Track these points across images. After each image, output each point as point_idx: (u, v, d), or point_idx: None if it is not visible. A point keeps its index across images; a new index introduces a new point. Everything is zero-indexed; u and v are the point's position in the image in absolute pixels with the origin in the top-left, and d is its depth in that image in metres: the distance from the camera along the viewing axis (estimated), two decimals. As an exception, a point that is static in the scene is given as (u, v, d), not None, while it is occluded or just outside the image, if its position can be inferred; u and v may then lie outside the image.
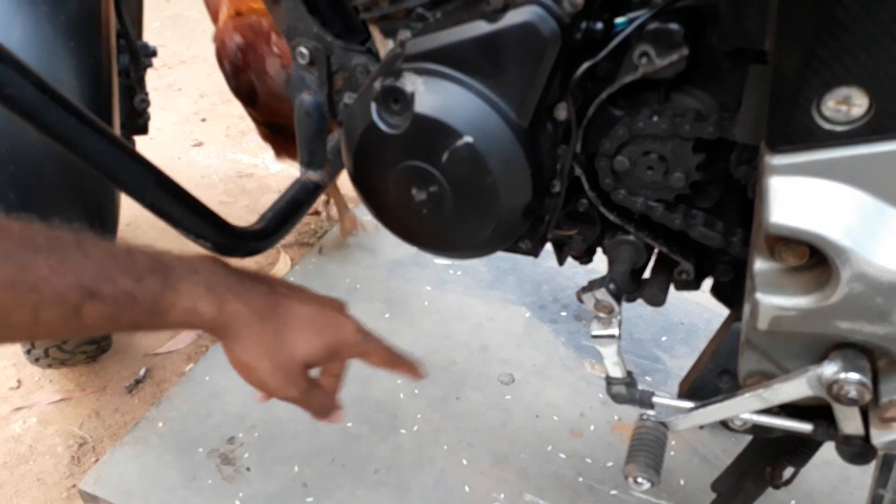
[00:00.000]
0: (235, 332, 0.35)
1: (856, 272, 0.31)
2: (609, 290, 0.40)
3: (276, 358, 0.36)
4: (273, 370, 0.36)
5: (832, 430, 0.39)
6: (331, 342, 0.38)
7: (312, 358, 0.37)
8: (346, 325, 0.39)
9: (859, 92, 0.28)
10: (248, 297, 0.35)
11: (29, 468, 0.82)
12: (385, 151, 0.40)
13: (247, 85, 0.80)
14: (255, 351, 0.35)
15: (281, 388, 0.37)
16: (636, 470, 0.42)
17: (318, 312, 0.38)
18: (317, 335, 0.37)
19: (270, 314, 0.35)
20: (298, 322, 0.36)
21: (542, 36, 0.35)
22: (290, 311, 0.36)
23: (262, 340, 0.35)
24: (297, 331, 0.36)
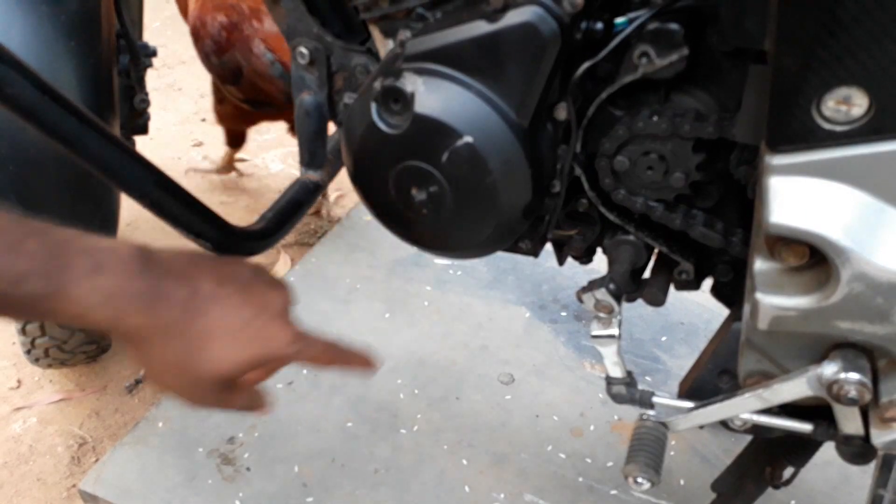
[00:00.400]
0: (134, 343, 0.31)
1: (856, 272, 0.31)
2: (609, 290, 0.40)
3: (181, 374, 0.32)
4: (178, 384, 0.33)
5: (832, 430, 0.39)
6: (255, 356, 0.33)
7: (229, 374, 0.33)
8: (278, 337, 0.33)
9: (859, 92, 0.28)
10: (157, 309, 0.30)
11: (29, 468, 0.82)
12: (385, 151, 0.40)
13: (231, 64, 0.81)
14: (156, 365, 0.32)
15: (192, 400, 0.34)
16: (636, 470, 0.42)
17: (246, 323, 0.32)
18: (239, 350, 0.32)
19: (180, 329, 0.30)
20: (217, 334, 0.31)
21: (542, 36, 0.35)
22: (210, 323, 0.31)
23: (164, 357, 0.31)
24: (214, 345, 0.31)
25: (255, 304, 0.33)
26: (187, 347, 0.31)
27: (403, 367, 0.83)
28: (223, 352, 0.32)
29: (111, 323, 0.29)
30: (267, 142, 1.50)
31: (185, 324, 0.31)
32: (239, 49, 0.85)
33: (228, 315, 0.32)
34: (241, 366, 0.33)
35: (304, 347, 0.35)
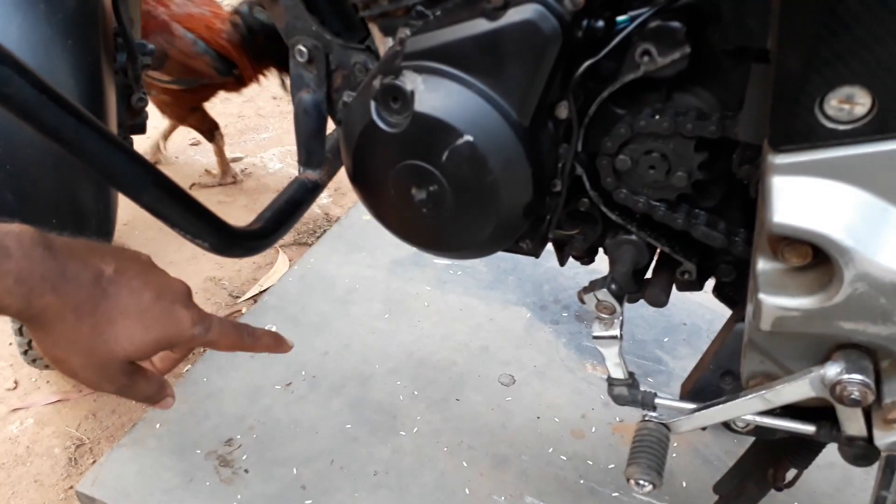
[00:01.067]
0: (45, 325, 0.31)
1: (859, 272, 0.30)
2: (611, 290, 0.40)
3: (90, 354, 0.33)
4: (84, 365, 0.33)
5: (835, 432, 0.39)
6: (160, 337, 0.34)
7: (135, 354, 0.34)
8: (180, 319, 0.35)
9: (862, 91, 0.28)
10: (67, 289, 0.31)
11: (26, 469, 0.81)
12: (384, 150, 0.40)
13: (155, 50, 0.85)
14: (65, 346, 0.32)
15: (93, 383, 0.34)
16: (638, 472, 0.41)
17: (149, 305, 0.34)
18: (144, 330, 0.33)
19: (89, 308, 0.32)
20: (123, 316, 0.33)
21: (543, 34, 0.35)
22: (115, 304, 0.33)
23: (74, 336, 0.32)
24: (119, 326, 0.33)
25: (156, 288, 0.34)
26: (96, 327, 0.32)
27: (403, 368, 0.83)
28: (129, 332, 0.33)
29: (22, 306, 0.30)
30: (265, 141, 1.50)
31: (94, 304, 0.32)
32: (159, 34, 0.94)
33: (133, 297, 0.33)
34: (146, 346, 0.34)
35: (208, 329, 0.36)
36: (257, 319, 0.89)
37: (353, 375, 0.82)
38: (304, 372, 0.83)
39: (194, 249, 1.05)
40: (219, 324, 0.37)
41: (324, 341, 0.86)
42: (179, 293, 0.36)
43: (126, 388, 0.35)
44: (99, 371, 0.34)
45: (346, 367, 0.83)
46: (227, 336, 0.37)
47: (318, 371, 0.83)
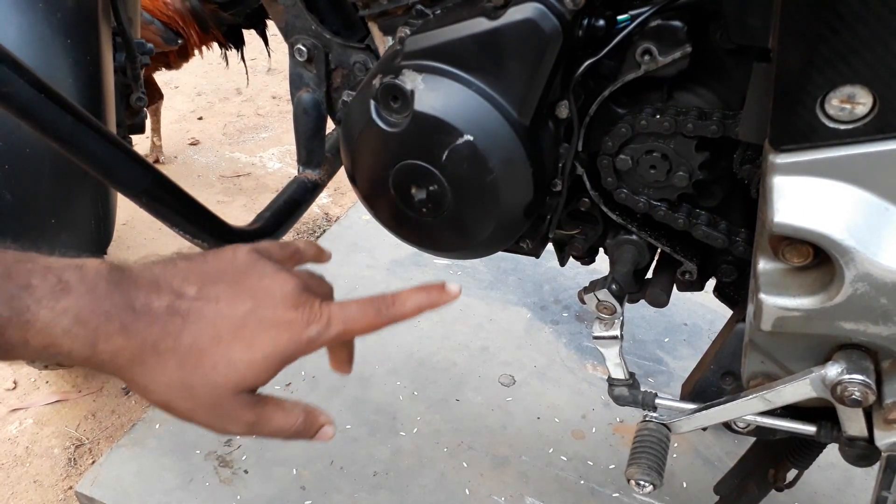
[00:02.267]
0: (125, 372, 0.26)
1: (860, 272, 0.30)
2: (611, 290, 0.40)
3: (192, 395, 0.26)
4: (193, 408, 0.27)
5: (836, 432, 0.39)
6: (270, 352, 0.27)
7: (247, 381, 0.27)
8: (290, 324, 0.28)
9: (863, 90, 0.28)
10: (137, 326, 0.25)
11: (25, 470, 0.81)
12: (384, 150, 0.40)
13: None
14: (162, 391, 0.26)
15: (216, 426, 0.28)
16: (638, 472, 0.41)
17: (245, 318, 0.27)
18: (247, 350, 0.27)
19: (170, 343, 0.26)
20: (214, 341, 0.26)
21: (544, 33, 0.35)
22: (201, 330, 0.26)
23: (165, 379, 0.26)
24: (214, 354, 0.26)
25: (251, 295, 0.28)
26: (184, 364, 0.26)
27: (403, 368, 0.82)
28: (228, 357, 0.27)
29: (88, 350, 0.25)
30: (264, 140, 1.50)
31: (174, 336, 0.26)
32: None
33: (222, 315, 0.27)
34: (256, 368, 0.27)
35: (327, 325, 0.29)
36: (257, 319, 0.89)
37: (352, 376, 0.81)
38: (303, 372, 0.82)
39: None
40: (341, 311, 0.29)
41: (323, 341, 0.86)
42: (282, 292, 0.28)
43: (257, 426, 0.29)
44: (213, 411, 0.27)
45: (345, 367, 0.83)
46: (358, 319, 0.30)
47: (318, 371, 0.83)
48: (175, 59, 1.17)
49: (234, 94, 1.70)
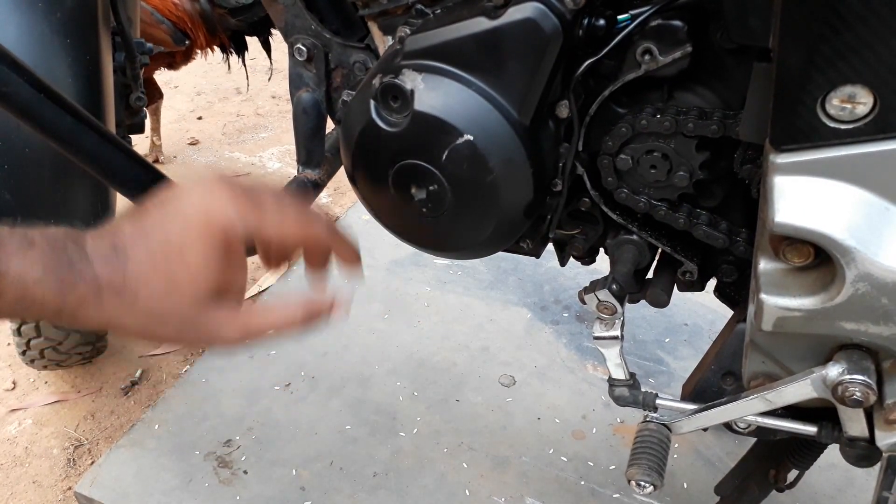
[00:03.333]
0: (95, 319, 0.27)
1: (861, 272, 0.30)
2: (611, 290, 0.40)
3: (165, 321, 0.28)
4: (178, 332, 0.28)
5: (837, 433, 0.38)
6: (212, 245, 0.28)
7: (199, 284, 0.28)
8: (221, 210, 0.28)
9: (864, 90, 0.28)
10: (91, 270, 0.27)
11: (24, 470, 0.81)
12: (384, 150, 0.40)
13: None
14: (141, 327, 0.28)
15: (212, 339, 0.29)
16: (639, 473, 0.41)
17: (180, 230, 0.28)
18: (194, 255, 0.28)
19: (120, 277, 0.27)
20: (153, 263, 0.27)
21: (544, 32, 0.35)
22: (142, 255, 0.27)
23: (132, 315, 0.27)
24: (159, 276, 0.27)
25: (177, 210, 0.29)
26: (139, 293, 0.27)
27: (403, 368, 0.82)
28: (171, 274, 0.27)
29: (58, 299, 0.26)
30: (264, 140, 1.50)
31: (122, 271, 0.27)
32: None
33: (155, 237, 0.28)
34: (208, 269, 0.28)
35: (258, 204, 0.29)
36: (256, 320, 0.89)
37: (352, 376, 0.81)
38: (303, 372, 0.82)
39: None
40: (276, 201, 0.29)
41: (323, 342, 0.86)
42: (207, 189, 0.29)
43: (252, 325, 0.29)
44: (194, 326, 0.28)
45: (345, 367, 0.83)
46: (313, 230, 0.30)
47: (318, 372, 0.82)
48: (180, 59, 1.18)
49: (234, 93, 1.70)
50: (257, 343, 0.30)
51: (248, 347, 0.31)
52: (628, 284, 0.41)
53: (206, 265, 0.28)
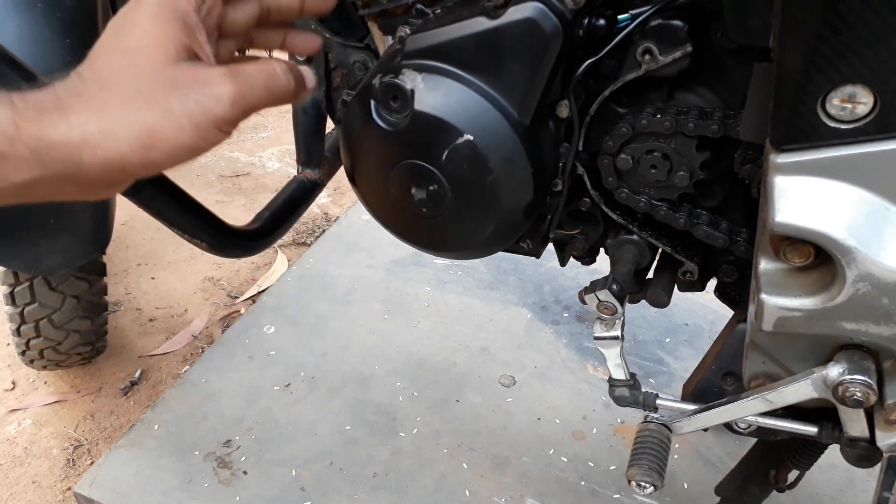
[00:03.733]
0: (66, 144, 0.25)
1: (861, 272, 0.30)
2: (612, 290, 0.40)
3: (144, 98, 0.26)
4: (165, 110, 0.26)
5: (837, 433, 0.38)
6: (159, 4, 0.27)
7: (164, 40, 0.27)
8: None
9: (864, 90, 0.28)
10: (47, 94, 0.25)
11: (24, 471, 0.81)
12: (384, 149, 0.40)
13: None
14: (122, 129, 0.25)
15: (202, 104, 0.26)
16: (639, 473, 0.41)
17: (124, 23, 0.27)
18: (153, 31, 0.26)
19: (79, 85, 0.26)
20: (107, 55, 0.26)
21: (544, 32, 0.35)
22: (93, 61, 0.26)
23: (109, 117, 0.25)
24: (116, 58, 0.26)
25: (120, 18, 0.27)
26: (104, 81, 0.26)
27: (403, 369, 0.82)
28: (128, 48, 0.26)
29: (12, 129, 0.24)
30: (264, 140, 1.49)
31: (80, 81, 0.26)
32: None
33: (104, 43, 0.26)
34: (165, 36, 0.26)
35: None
36: (256, 320, 0.89)
37: (352, 376, 0.81)
38: (302, 373, 0.82)
39: (192, 249, 1.04)
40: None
41: (323, 342, 0.86)
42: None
43: (237, 79, 0.27)
44: (178, 90, 0.26)
45: (345, 367, 0.83)
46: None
47: (317, 372, 0.82)
48: None
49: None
50: (254, 100, 0.28)
51: (247, 103, 0.28)
52: (628, 284, 0.41)
53: (159, 25, 0.27)
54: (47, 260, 0.58)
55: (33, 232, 0.58)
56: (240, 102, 0.28)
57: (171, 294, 1.03)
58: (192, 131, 0.27)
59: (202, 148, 0.28)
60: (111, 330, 0.90)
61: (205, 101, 0.27)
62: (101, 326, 0.83)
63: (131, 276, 1.05)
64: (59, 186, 0.27)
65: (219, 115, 0.28)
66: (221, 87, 0.28)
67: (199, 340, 0.96)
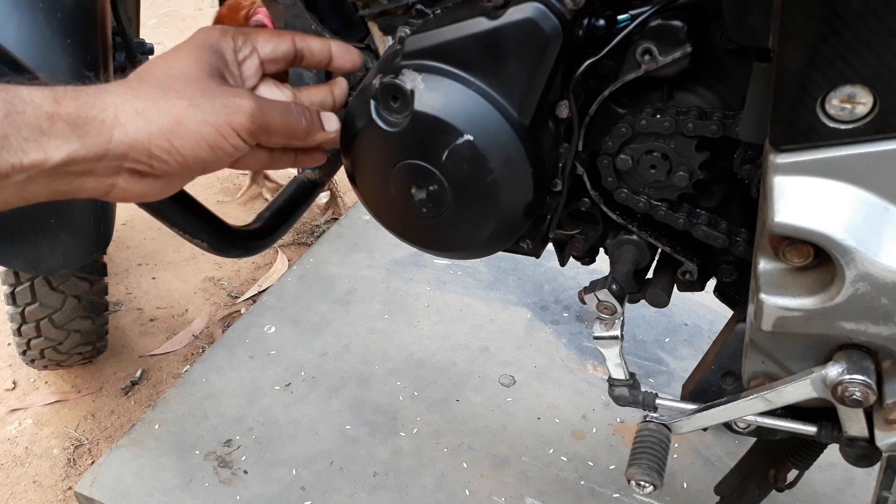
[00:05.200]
0: (103, 113, 0.28)
1: (860, 272, 0.30)
2: (611, 290, 0.40)
3: (174, 88, 0.30)
4: (185, 100, 0.30)
5: (836, 433, 0.38)
6: (195, 42, 0.33)
7: (199, 60, 0.32)
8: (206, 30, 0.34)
9: (864, 90, 0.28)
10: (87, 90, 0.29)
11: (25, 470, 0.81)
12: (384, 150, 0.40)
13: None
14: (154, 107, 0.29)
15: (224, 111, 0.31)
16: (639, 473, 0.41)
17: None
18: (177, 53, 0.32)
19: (123, 77, 0.31)
20: (155, 60, 0.32)
21: (544, 32, 0.35)
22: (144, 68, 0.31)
23: (142, 93, 0.30)
24: (156, 65, 0.31)
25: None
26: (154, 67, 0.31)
27: (403, 368, 0.82)
28: (177, 50, 0.32)
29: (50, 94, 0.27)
30: (266, 142, 1.49)
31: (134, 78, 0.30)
32: None
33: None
34: (192, 45, 0.32)
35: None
36: (256, 320, 0.89)
37: (352, 376, 0.82)
38: (303, 372, 0.82)
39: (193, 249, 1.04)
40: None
41: (323, 342, 0.86)
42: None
43: (265, 103, 0.32)
44: (206, 90, 0.30)
45: (345, 367, 0.83)
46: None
47: (318, 372, 0.83)
48: None
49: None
50: (270, 122, 0.32)
51: (264, 121, 0.32)
52: (628, 284, 0.41)
53: (198, 51, 0.32)
54: (48, 260, 0.58)
55: (34, 232, 0.58)
56: (258, 117, 0.33)
57: (172, 294, 1.03)
58: (214, 128, 0.31)
59: (221, 148, 0.32)
60: (112, 330, 0.90)
61: (228, 105, 0.32)
62: (102, 326, 0.83)
63: (132, 275, 1.05)
64: (90, 166, 0.29)
65: (238, 122, 0.32)
66: (244, 99, 0.33)
67: (199, 340, 0.96)
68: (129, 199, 0.33)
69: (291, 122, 0.34)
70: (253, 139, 0.33)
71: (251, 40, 0.36)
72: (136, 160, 0.30)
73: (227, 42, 0.35)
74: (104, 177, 0.30)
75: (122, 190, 0.31)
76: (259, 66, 0.37)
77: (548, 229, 0.44)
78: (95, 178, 0.30)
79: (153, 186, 0.32)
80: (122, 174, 0.30)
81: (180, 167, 0.31)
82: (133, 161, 0.30)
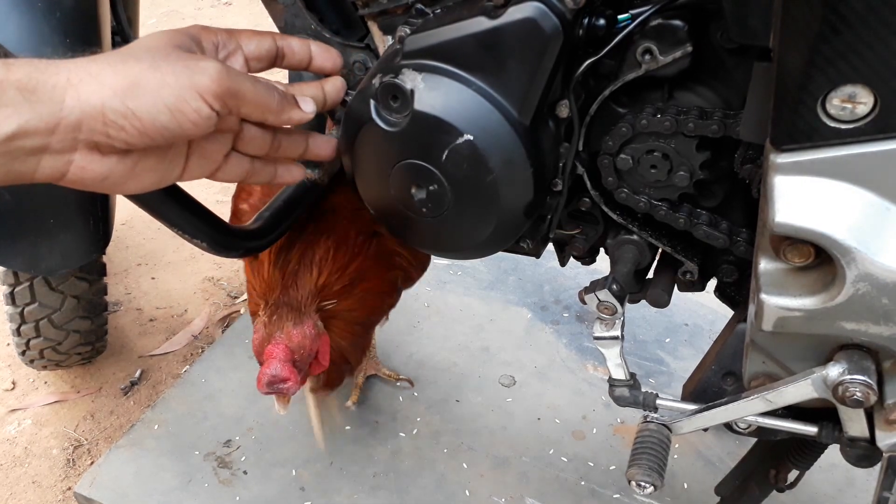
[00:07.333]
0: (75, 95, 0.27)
1: (861, 272, 0.30)
2: (612, 290, 0.40)
3: (143, 60, 0.28)
4: (161, 81, 0.28)
5: (837, 433, 0.38)
6: (166, 32, 0.31)
7: (168, 36, 0.31)
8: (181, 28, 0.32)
9: (865, 90, 0.28)
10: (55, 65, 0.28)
11: (24, 471, 0.81)
12: (384, 149, 0.40)
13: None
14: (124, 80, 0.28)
15: (197, 74, 0.28)
16: (639, 473, 0.41)
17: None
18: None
19: (89, 59, 0.28)
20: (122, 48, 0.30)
21: (544, 32, 0.35)
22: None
23: (115, 72, 0.28)
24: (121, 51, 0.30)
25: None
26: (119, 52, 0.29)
27: (403, 369, 0.82)
28: (145, 38, 0.30)
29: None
30: (266, 142, 1.49)
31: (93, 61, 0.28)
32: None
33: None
34: (161, 33, 0.30)
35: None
36: (256, 320, 0.89)
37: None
38: (303, 373, 0.82)
39: (193, 249, 1.04)
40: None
41: (323, 342, 0.86)
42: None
43: (234, 74, 0.30)
44: (174, 60, 0.28)
45: (345, 367, 0.83)
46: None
47: (318, 372, 0.82)
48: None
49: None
50: (238, 87, 0.30)
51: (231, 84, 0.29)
52: (628, 284, 0.41)
53: (172, 34, 0.31)
54: (47, 260, 0.58)
55: (33, 232, 0.58)
56: (224, 80, 0.30)
57: (172, 294, 1.03)
58: (174, 89, 0.29)
59: (182, 112, 0.29)
60: (111, 330, 0.90)
61: (191, 67, 0.30)
62: (101, 326, 0.83)
63: (131, 276, 1.05)
64: (44, 140, 0.27)
65: (202, 83, 0.30)
66: (210, 62, 0.30)
67: (199, 340, 0.96)
68: (90, 184, 0.30)
69: (262, 93, 0.32)
70: (219, 103, 0.30)
71: (234, 37, 0.36)
72: (91, 129, 0.28)
73: (208, 34, 0.34)
74: (60, 153, 0.28)
75: (81, 169, 0.29)
76: (244, 64, 0.36)
77: (548, 229, 0.44)
78: (51, 155, 0.28)
79: (116, 167, 0.29)
80: (80, 149, 0.28)
81: (139, 134, 0.29)
82: (88, 131, 0.28)
